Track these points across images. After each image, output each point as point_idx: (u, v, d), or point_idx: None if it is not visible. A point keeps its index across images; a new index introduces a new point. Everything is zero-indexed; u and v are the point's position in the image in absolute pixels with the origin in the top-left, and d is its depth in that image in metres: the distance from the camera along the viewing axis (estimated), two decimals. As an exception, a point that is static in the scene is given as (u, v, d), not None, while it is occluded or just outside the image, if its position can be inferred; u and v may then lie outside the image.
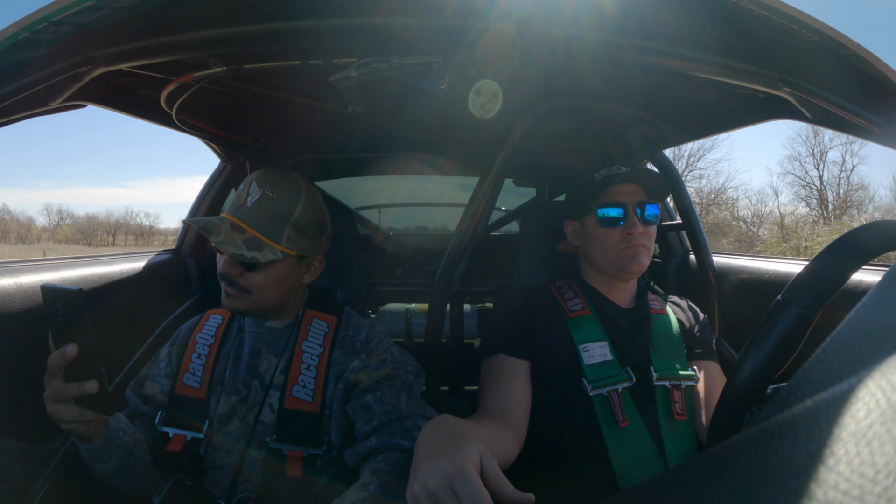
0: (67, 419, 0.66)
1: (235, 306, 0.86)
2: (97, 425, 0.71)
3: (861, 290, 0.83)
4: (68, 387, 0.65)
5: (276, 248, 0.83)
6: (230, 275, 0.83)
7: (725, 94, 0.94)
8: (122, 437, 0.77)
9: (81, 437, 0.71)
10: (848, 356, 0.24)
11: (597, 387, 0.91)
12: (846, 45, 0.59)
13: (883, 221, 0.52)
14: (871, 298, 0.27)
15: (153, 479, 0.85)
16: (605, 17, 0.69)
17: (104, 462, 0.76)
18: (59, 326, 0.65)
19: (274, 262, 0.84)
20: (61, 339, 0.65)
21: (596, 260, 1.04)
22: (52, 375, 0.65)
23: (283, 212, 0.85)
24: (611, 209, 1.00)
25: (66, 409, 0.66)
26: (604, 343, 0.97)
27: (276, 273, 0.86)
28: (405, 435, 0.80)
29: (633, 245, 0.98)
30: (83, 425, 0.68)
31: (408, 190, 2.45)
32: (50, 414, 0.66)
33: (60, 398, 0.65)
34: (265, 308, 0.89)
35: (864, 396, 0.18)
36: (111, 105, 1.05)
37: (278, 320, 0.94)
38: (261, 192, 0.85)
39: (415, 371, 0.92)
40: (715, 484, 0.21)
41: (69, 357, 0.64)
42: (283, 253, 0.84)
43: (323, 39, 0.78)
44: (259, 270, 0.84)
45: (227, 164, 1.58)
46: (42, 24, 0.59)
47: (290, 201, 0.86)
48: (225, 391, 0.88)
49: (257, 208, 0.84)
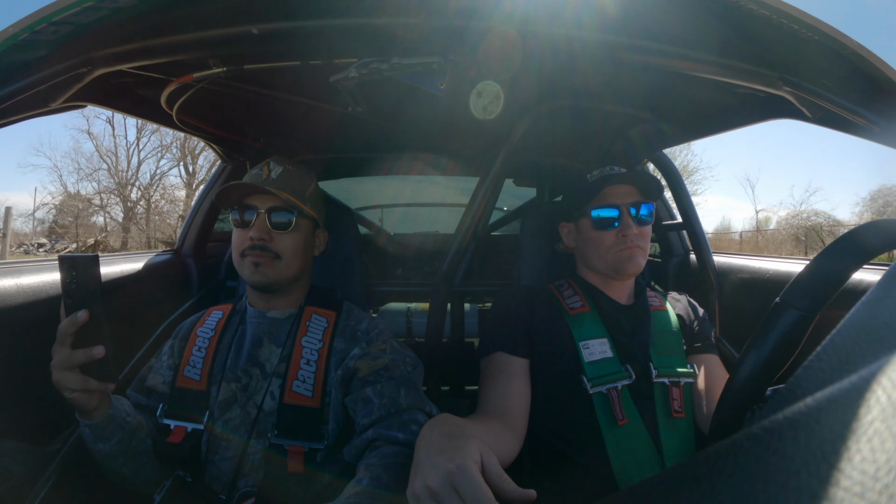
0: (72, 386, 0.68)
1: (266, 275, 0.90)
2: (100, 397, 0.73)
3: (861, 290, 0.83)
4: (75, 353, 0.68)
5: (304, 209, 0.93)
6: (264, 240, 0.90)
7: (725, 94, 0.94)
8: (124, 417, 0.79)
9: (84, 410, 0.73)
10: (848, 355, 0.24)
11: (596, 384, 0.91)
12: (846, 44, 0.59)
13: (880, 221, 0.52)
14: (870, 297, 0.27)
15: (154, 468, 0.86)
16: (605, 17, 0.69)
17: (105, 441, 0.77)
18: (72, 294, 0.68)
19: (300, 226, 0.94)
20: (73, 307, 0.68)
21: (592, 262, 1.04)
22: (61, 343, 0.68)
23: (302, 183, 0.97)
24: (605, 211, 1.00)
25: (71, 377, 0.68)
26: (604, 340, 0.97)
27: (301, 237, 0.95)
28: (401, 427, 0.81)
29: (628, 247, 0.98)
30: (87, 395, 0.71)
31: (408, 190, 2.45)
32: (55, 381, 0.68)
33: (67, 365, 0.68)
34: (288, 280, 0.94)
35: (864, 394, 0.18)
36: (112, 106, 1.05)
37: (280, 310, 0.96)
38: (282, 168, 0.96)
39: (413, 362, 0.92)
40: (715, 482, 0.21)
41: (79, 323, 0.67)
42: (309, 215, 0.95)
43: (323, 40, 0.78)
44: (290, 232, 0.92)
45: (228, 165, 1.58)
46: (42, 24, 0.59)
47: (305, 175, 0.99)
48: (225, 378, 0.89)
49: (284, 179, 0.94)
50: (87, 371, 0.69)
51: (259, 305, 0.97)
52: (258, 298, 0.97)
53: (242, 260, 0.91)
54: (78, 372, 0.69)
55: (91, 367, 0.69)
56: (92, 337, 0.69)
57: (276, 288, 0.94)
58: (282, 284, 0.94)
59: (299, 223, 0.93)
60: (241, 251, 0.91)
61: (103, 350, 0.69)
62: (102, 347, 0.68)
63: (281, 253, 0.91)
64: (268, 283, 0.91)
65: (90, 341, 0.68)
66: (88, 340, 0.68)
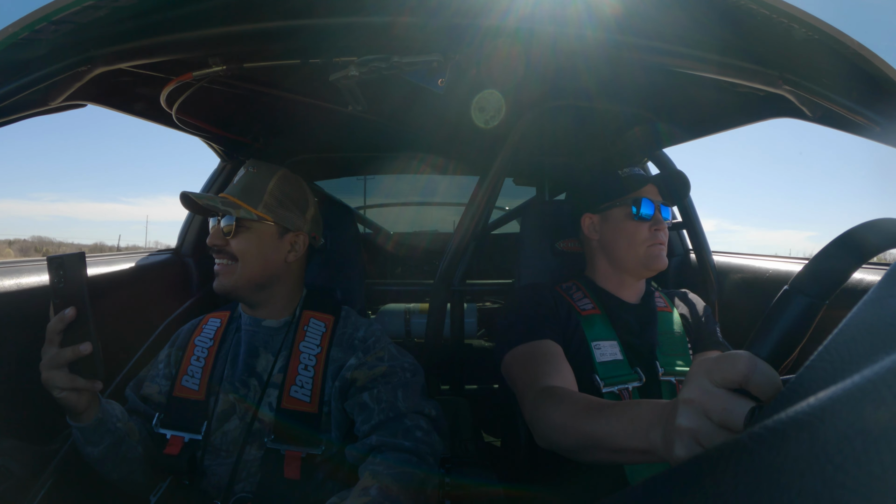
0: (60, 384, 0.69)
1: (224, 283, 0.90)
2: (89, 398, 0.73)
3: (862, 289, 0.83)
4: (63, 351, 0.68)
5: (250, 210, 0.90)
6: (217, 245, 0.89)
7: (725, 93, 0.94)
8: (114, 423, 0.79)
9: (74, 411, 0.73)
10: (851, 354, 0.24)
11: (608, 384, 0.92)
12: (846, 43, 0.59)
13: (890, 218, 0.52)
14: (873, 296, 0.27)
15: (145, 475, 0.85)
16: (605, 17, 0.69)
17: (94, 444, 0.77)
18: (60, 292, 0.69)
19: (253, 228, 0.91)
20: (62, 306, 0.69)
21: (621, 254, 1.03)
22: (50, 342, 0.69)
23: (260, 183, 0.94)
24: (645, 205, 1.01)
25: (60, 375, 0.68)
26: (614, 343, 0.97)
27: (256, 239, 0.91)
28: (406, 435, 0.80)
29: (660, 242, 1.01)
30: (75, 395, 0.71)
31: (408, 189, 2.44)
32: (44, 381, 0.69)
33: (55, 364, 0.68)
34: (253, 283, 0.91)
35: (869, 394, 0.18)
36: (111, 105, 1.05)
37: (273, 318, 0.95)
38: (244, 171, 0.97)
39: (412, 369, 0.92)
40: (719, 482, 0.20)
41: (67, 319, 0.68)
42: (258, 216, 0.91)
43: (323, 38, 0.78)
44: (240, 235, 0.90)
45: (227, 164, 1.58)
46: (42, 23, 0.59)
47: (266, 175, 0.95)
48: (224, 390, 0.89)
49: (240, 183, 0.95)
50: (75, 369, 0.70)
51: (251, 314, 0.96)
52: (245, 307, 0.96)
53: None
54: (66, 370, 0.69)
55: (78, 365, 0.70)
56: (80, 334, 0.69)
57: (239, 296, 0.92)
58: (245, 291, 0.91)
59: (246, 226, 0.90)
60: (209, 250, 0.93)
61: (90, 346, 0.69)
62: (89, 344, 0.69)
63: (237, 255, 0.89)
64: (226, 292, 0.90)
65: (78, 339, 0.69)
66: (76, 338, 0.69)
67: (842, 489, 0.16)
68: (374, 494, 0.70)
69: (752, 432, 0.21)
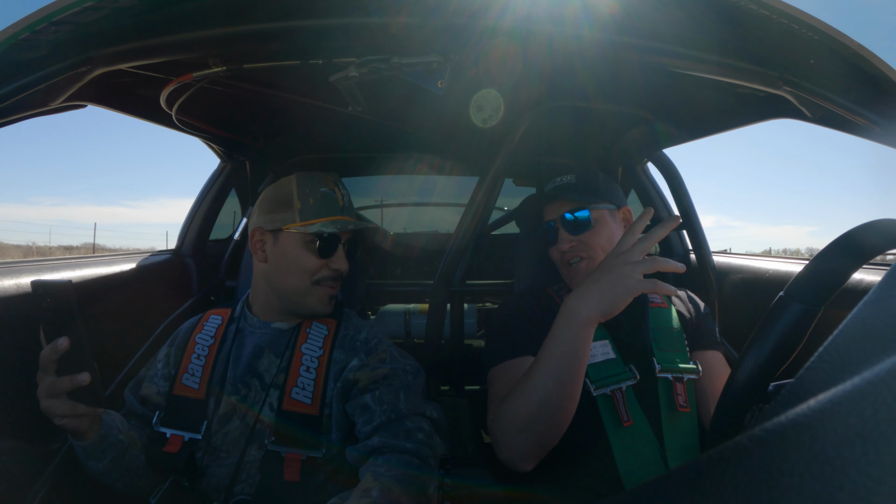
0: (60, 413, 0.67)
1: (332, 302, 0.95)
2: (91, 420, 0.72)
3: (862, 290, 0.83)
4: (60, 381, 0.66)
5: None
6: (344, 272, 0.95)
7: (725, 94, 0.94)
8: (116, 436, 0.78)
9: (75, 433, 0.72)
10: (851, 355, 0.24)
11: (600, 386, 0.91)
12: (846, 44, 0.59)
13: (885, 220, 0.52)
14: (872, 297, 0.27)
15: (148, 479, 0.85)
16: (605, 17, 0.69)
17: (98, 460, 0.77)
18: (49, 321, 0.66)
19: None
20: (53, 333, 0.66)
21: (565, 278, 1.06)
22: (45, 370, 0.66)
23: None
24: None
25: (59, 404, 0.67)
26: (605, 342, 0.96)
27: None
28: (408, 437, 0.80)
29: (570, 260, 1.01)
30: (76, 420, 0.69)
31: (408, 189, 2.44)
32: (43, 409, 0.67)
33: (53, 393, 0.66)
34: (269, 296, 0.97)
35: (868, 396, 0.18)
36: (111, 105, 1.05)
37: (285, 322, 0.94)
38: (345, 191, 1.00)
39: (414, 371, 0.92)
40: (718, 485, 0.20)
41: (61, 350, 0.65)
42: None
43: (323, 39, 0.78)
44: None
45: (227, 164, 1.58)
46: (42, 24, 0.59)
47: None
48: (225, 391, 0.88)
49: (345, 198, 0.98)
50: (75, 396, 0.67)
51: (263, 316, 0.95)
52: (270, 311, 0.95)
53: None
54: (65, 398, 0.67)
55: (79, 393, 0.67)
56: (76, 362, 0.66)
57: None
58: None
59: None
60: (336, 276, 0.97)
61: (89, 377, 0.67)
62: (88, 375, 0.66)
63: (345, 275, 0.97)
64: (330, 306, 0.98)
65: (74, 367, 0.66)
66: (72, 366, 0.66)
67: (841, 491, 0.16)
68: (375, 496, 0.70)
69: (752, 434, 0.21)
